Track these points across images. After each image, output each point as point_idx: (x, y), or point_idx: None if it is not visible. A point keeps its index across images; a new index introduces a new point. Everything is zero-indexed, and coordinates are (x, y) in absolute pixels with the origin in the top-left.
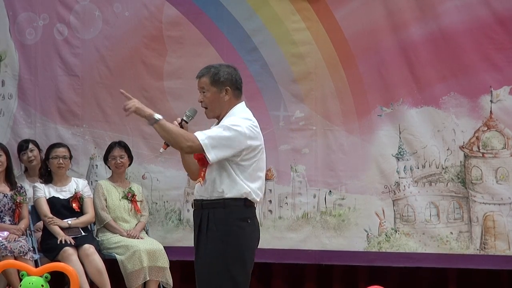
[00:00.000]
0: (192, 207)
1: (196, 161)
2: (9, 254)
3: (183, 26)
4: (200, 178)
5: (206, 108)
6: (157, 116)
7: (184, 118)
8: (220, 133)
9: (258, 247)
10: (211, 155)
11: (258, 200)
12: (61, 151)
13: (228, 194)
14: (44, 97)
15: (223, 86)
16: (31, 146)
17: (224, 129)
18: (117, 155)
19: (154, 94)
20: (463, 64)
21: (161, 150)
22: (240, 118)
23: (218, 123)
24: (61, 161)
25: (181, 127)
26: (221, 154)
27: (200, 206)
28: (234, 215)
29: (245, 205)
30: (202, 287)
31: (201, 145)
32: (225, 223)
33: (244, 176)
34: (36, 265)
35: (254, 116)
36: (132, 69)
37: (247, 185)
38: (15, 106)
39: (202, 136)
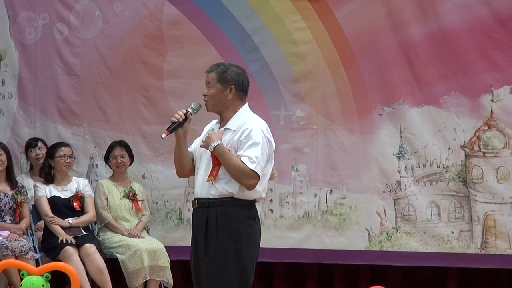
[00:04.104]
0: (193, 206)
1: (191, 158)
2: (10, 254)
3: (183, 26)
4: (212, 177)
5: (207, 102)
6: (215, 143)
7: (190, 110)
8: (260, 153)
9: (260, 246)
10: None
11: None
12: (67, 150)
13: (237, 195)
14: (44, 97)
15: (228, 85)
16: (40, 144)
17: (260, 147)
18: (118, 154)
19: (154, 93)
20: (463, 63)
21: (163, 135)
22: (259, 125)
23: (219, 121)
24: (68, 160)
25: (186, 118)
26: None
27: (206, 204)
28: (243, 213)
29: (251, 203)
30: (211, 285)
31: (257, 174)
32: (235, 220)
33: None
34: (37, 265)
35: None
36: (132, 69)
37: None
38: (15, 106)
39: (252, 165)
